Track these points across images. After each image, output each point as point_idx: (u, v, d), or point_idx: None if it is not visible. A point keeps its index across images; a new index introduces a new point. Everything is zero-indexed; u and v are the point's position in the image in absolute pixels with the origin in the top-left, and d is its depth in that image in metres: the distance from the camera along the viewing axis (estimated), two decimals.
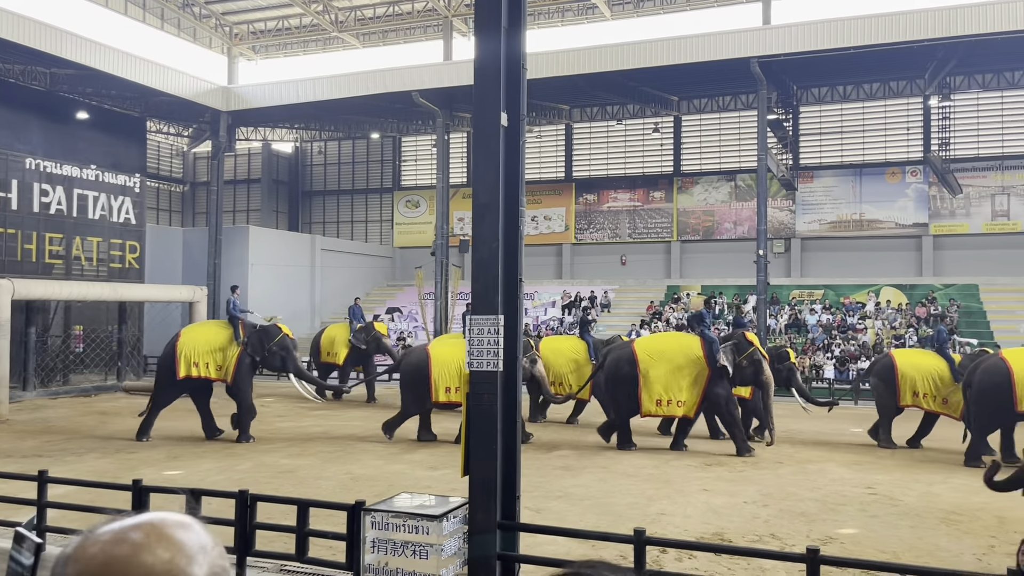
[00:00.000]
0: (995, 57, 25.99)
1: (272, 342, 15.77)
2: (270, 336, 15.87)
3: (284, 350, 15.89)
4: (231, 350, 15.57)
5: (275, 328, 16.27)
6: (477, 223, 7.41)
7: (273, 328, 16.27)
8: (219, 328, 16.15)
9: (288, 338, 16.07)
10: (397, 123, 36.38)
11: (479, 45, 7.44)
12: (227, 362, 15.48)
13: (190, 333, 16.12)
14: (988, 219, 30.96)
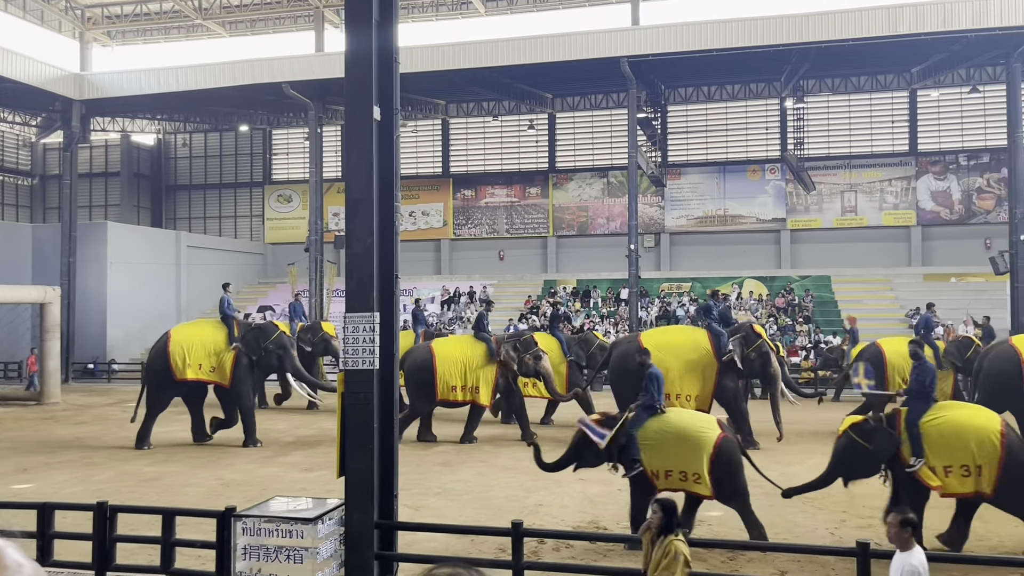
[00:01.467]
0: (843, 62, 27.80)
1: (268, 340, 15.23)
2: (266, 335, 15.35)
3: (281, 349, 15.37)
4: (226, 351, 14.85)
5: (271, 326, 15.75)
6: (350, 219, 7.29)
7: (269, 326, 15.74)
8: (213, 328, 15.39)
9: (285, 336, 15.58)
10: (267, 115, 35.24)
11: (350, 38, 7.31)
12: (222, 363, 14.79)
13: (181, 333, 15.35)
14: (838, 214, 33.12)
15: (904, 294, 29.44)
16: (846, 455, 8.06)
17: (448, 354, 15.07)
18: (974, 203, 31.93)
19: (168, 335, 15.24)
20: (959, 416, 8.12)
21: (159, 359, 14.85)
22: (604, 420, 8.41)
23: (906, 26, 22.84)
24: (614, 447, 8.17)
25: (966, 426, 7.86)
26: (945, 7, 22.74)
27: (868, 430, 8.05)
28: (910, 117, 32.75)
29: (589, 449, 8.26)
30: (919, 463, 7.80)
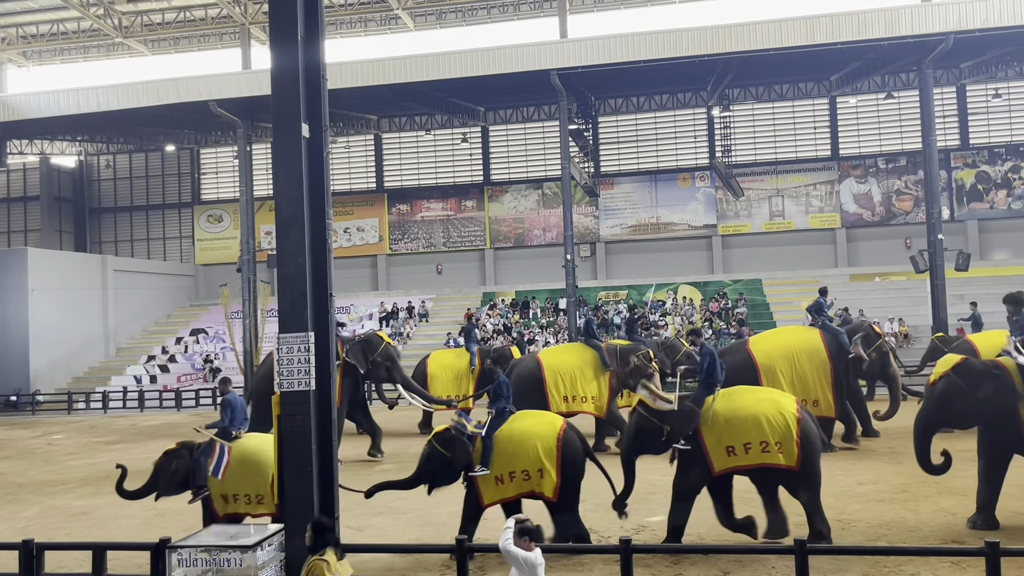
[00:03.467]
0: (766, 71, 28.59)
1: (376, 353, 14.94)
2: (373, 347, 15.03)
3: (389, 360, 15.11)
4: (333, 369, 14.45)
5: (377, 338, 15.45)
6: (281, 238, 7.19)
7: (375, 338, 15.44)
8: None
9: (392, 347, 15.29)
10: (194, 134, 34.48)
11: (275, 56, 7.22)
12: None
13: None
14: (767, 219, 33.99)
15: (832, 294, 30.29)
16: (428, 464, 8.47)
17: (557, 363, 14.50)
18: (894, 205, 33.15)
19: (271, 354, 15.08)
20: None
21: (266, 380, 14.77)
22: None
23: (823, 35, 23.63)
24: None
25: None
26: (860, 17, 23.61)
27: (448, 439, 8.39)
28: (831, 123, 33.86)
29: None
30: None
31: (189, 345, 33.06)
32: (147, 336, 34.65)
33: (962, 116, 32.86)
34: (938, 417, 8.57)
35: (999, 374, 8.27)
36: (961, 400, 8.34)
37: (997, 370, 8.31)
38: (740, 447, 8.11)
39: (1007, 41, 24.81)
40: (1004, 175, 32.50)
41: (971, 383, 8.32)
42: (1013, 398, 8.16)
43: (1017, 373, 8.22)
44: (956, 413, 8.48)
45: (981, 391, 8.25)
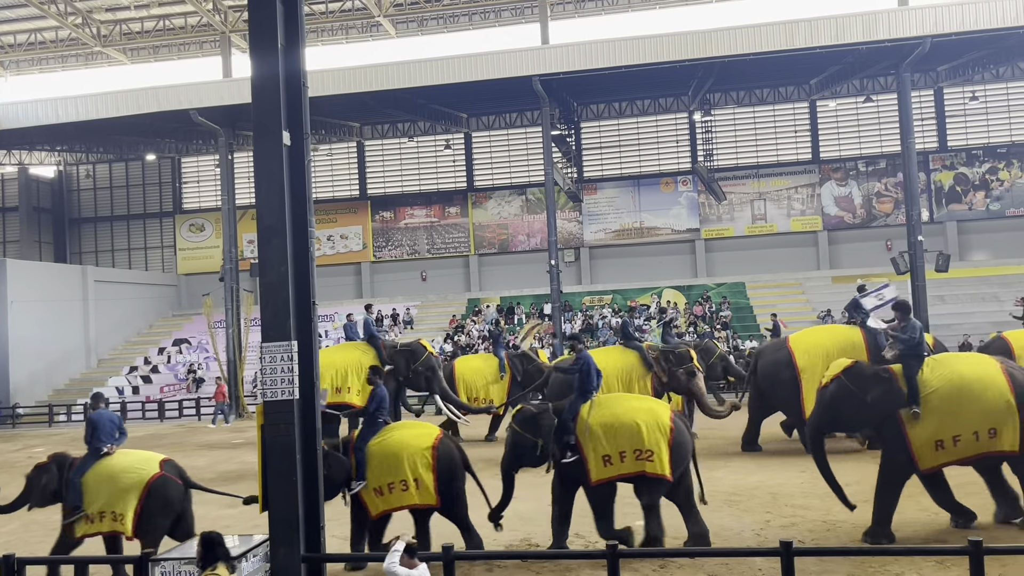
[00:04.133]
0: (746, 76, 28.80)
1: (418, 362, 14.92)
2: (416, 356, 15.02)
3: (430, 370, 15.05)
4: None
5: (420, 347, 15.38)
6: (263, 247, 7.15)
7: (418, 347, 15.38)
8: (360, 351, 15.07)
9: (433, 357, 15.24)
10: (175, 143, 34.29)
11: (256, 64, 7.19)
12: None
13: (328, 356, 15.00)
14: (749, 222, 34.19)
15: (815, 296, 30.56)
16: None
17: (599, 366, 14.34)
18: (874, 207, 33.43)
19: None
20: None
21: None
22: None
23: (802, 40, 23.82)
24: None
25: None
26: (838, 21, 23.83)
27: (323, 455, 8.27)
28: (811, 126, 34.13)
29: None
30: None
31: (172, 355, 32.81)
32: (129, 347, 34.36)
33: (940, 119, 33.21)
34: (828, 420, 8.65)
35: (887, 378, 8.39)
36: (850, 403, 8.42)
37: (886, 374, 8.42)
38: (616, 456, 8.20)
39: (983, 44, 25.13)
40: (982, 177, 32.86)
41: (860, 386, 8.40)
42: (899, 403, 8.25)
43: (903, 378, 8.33)
44: (845, 416, 8.58)
45: (870, 395, 8.34)
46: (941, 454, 8.19)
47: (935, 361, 8.61)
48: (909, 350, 8.55)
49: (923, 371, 8.38)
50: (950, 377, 8.30)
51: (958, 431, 8.12)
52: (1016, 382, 8.20)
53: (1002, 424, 8.05)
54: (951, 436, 8.13)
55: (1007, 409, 8.06)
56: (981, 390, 8.14)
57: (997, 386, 8.14)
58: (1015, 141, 32.66)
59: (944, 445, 8.15)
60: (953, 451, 8.18)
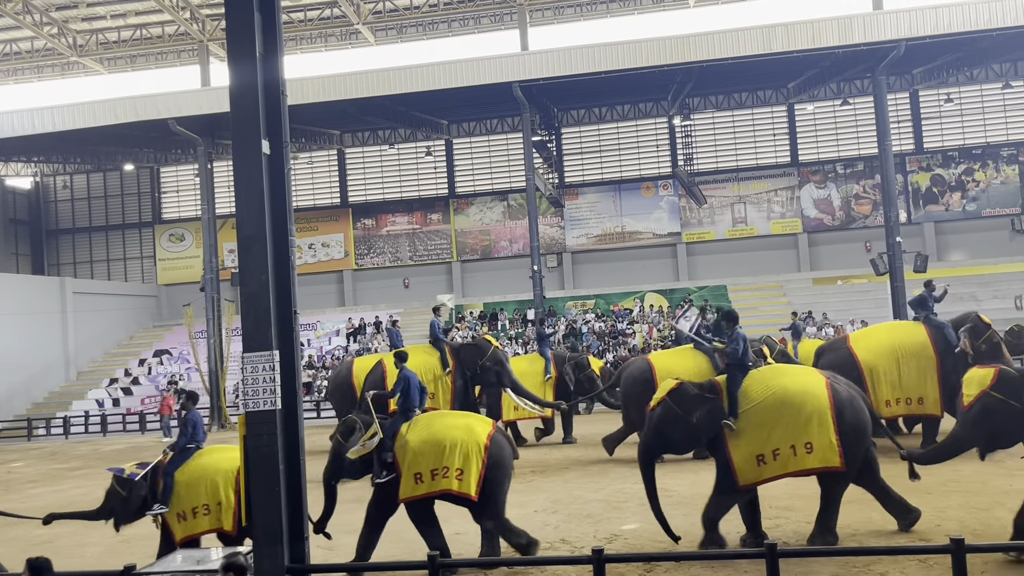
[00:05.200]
0: (725, 80, 29.02)
1: (485, 357, 14.78)
2: (482, 351, 14.88)
3: (498, 364, 14.90)
4: (442, 377, 14.65)
5: (486, 342, 15.27)
6: (244, 256, 7.12)
7: (484, 342, 15.28)
8: (425, 353, 15.06)
9: (500, 352, 15.11)
10: (154, 153, 34.03)
11: (234, 73, 7.16)
12: (440, 388, 14.59)
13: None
14: (730, 226, 34.39)
15: (796, 299, 30.73)
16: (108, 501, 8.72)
17: (669, 367, 13.93)
18: (853, 209, 33.73)
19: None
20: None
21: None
22: None
23: (779, 44, 24.04)
24: None
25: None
26: (814, 26, 24.07)
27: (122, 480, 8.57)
28: (790, 130, 34.40)
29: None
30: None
31: (153, 367, 32.52)
32: (109, 359, 34.01)
33: (916, 121, 33.59)
34: (656, 444, 8.51)
35: (712, 397, 8.32)
36: (677, 425, 8.33)
37: (710, 393, 8.36)
38: (427, 474, 8.20)
39: (957, 47, 25.47)
40: (958, 178, 33.25)
41: (685, 408, 8.32)
42: (723, 419, 8.20)
43: (726, 394, 8.30)
44: (674, 438, 8.45)
45: (695, 415, 8.27)
46: (764, 469, 8.06)
47: (760, 373, 8.52)
48: (733, 361, 8.47)
49: (746, 384, 8.31)
50: (772, 390, 8.21)
51: (777, 445, 8.00)
52: (837, 397, 8.13)
53: (816, 439, 7.96)
54: (771, 450, 8.01)
55: (824, 423, 7.98)
56: (801, 403, 8.06)
57: (817, 400, 8.07)
58: (990, 142, 33.10)
59: (765, 460, 8.02)
60: (774, 466, 8.03)
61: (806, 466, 8.06)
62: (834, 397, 8.13)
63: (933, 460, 8.28)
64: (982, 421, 7.73)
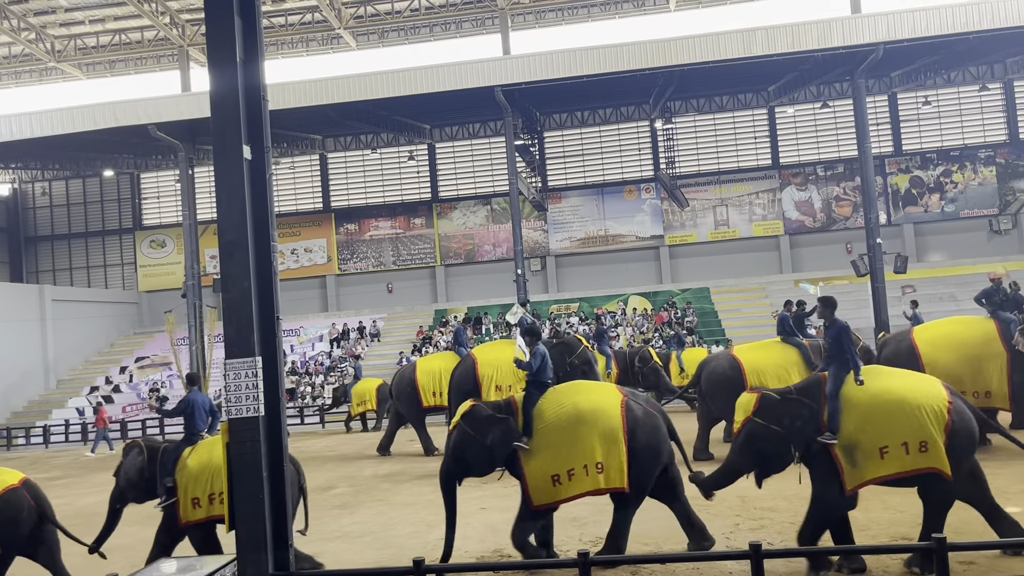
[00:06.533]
0: (706, 83, 29.17)
1: (574, 355, 14.60)
2: (571, 350, 14.70)
3: (586, 363, 14.63)
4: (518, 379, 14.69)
5: (576, 340, 15.08)
6: (225, 262, 7.07)
7: (574, 341, 15.08)
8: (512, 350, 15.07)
9: (589, 351, 14.93)
10: (134, 159, 33.80)
11: (214, 78, 7.12)
12: None
13: (488, 355, 15.25)
14: (712, 228, 34.56)
15: (778, 300, 30.84)
16: None
17: (757, 362, 13.65)
18: (834, 211, 34.00)
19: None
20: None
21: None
22: None
23: (760, 48, 24.20)
24: None
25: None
26: (794, 29, 24.25)
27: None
28: (771, 132, 34.64)
29: None
30: None
31: (134, 374, 32.24)
32: (89, 367, 33.69)
33: (895, 123, 33.92)
34: (456, 468, 8.39)
35: (505, 418, 8.25)
36: (472, 448, 8.27)
37: (502, 413, 8.30)
38: (205, 499, 8.29)
39: (934, 50, 25.74)
40: (936, 179, 33.60)
41: (478, 430, 8.26)
42: (517, 439, 8.13)
43: (522, 414, 8.23)
44: (471, 461, 8.35)
45: (489, 437, 8.21)
46: (559, 489, 7.99)
47: (556, 392, 8.45)
48: (532, 377, 8.43)
49: (542, 403, 8.22)
50: (566, 408, 8.11)
51: (571, 465, 7.93)
52: (631, 415, 8.04)
53: (607, 459, 7.88)
54: (566, 471, 7.93)
55: (615, 443, 7.90)
56: (593, 422, 7.96)
57: (609, 419, 7.97)
58: (967, 144, 33.47)
59: (560, 480, 7.96)
60: (570, 486, 7.95)
61: (599, 486, 7.95)
62: (627, 416, 8.01)
63: (715, 486, 8.03)
64: (748, 447, 7.71)
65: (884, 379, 7.70)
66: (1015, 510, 9.01)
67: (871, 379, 7.64)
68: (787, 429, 7.58)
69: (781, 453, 7.65)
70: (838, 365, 7.72)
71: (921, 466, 7.22)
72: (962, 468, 7.30)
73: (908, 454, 7.23)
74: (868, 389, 7.52)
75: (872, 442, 7.30)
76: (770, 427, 7.61)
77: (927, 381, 7.77)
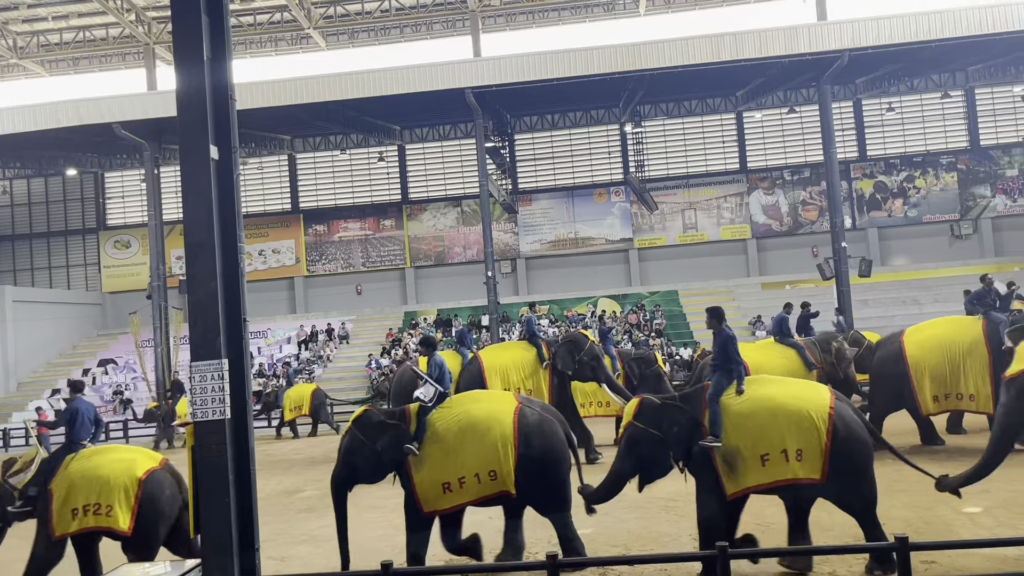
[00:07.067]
0: (675, 88, 29.40)
1: (582, 352, 14.58)
2: (579, 347, 14.67)
3: (595, 360, 14.64)
4: (540, 372, 14.70)
5: (583, 337, 15.07)
6: (191, 263, 6.98)
7: (581, 337, 15.07)
8: (522, 350, 15.22)
9: (597, 347, 14.93)
10: (98, 158, 33.21)
11: (180, 77, 7.02)
12: (537, 386, 14.63)
13: (494, 356, 15.24)
14: (681, 231, 34.84)
15: (745, 303, 31.28)
16: None
17: (757, 362, 13.61)
18: (800, 215, 34.45)
19: (478, 356, 15.33)
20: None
21: (476, 377, 14.91)
22: None
23: (728, 53, 24.45)
24: None
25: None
26: (762, 35, 24.55)
27: None
28: (739, 137, 35.01)
29: None
30: None
31: (97, 376, 31.71)
32: (51, 369, 33.07)
33: (859, 129, 34.46)
34: (346, 474, 8.40)
35: (396, 424, 8.25)
36: (362, 454, 8.26)
37: (392, 419, 8.30)
38: (80, 509, 8.17)
39: (898, 58, 26.19)
40: (900, 185, 34.19)
41: (368, 435, 8.27)
42: (408, 445, 8.14)
43: (415, 420, 8.23)
44: (361, 467, 8.30)
45: (379, 443, 8.21)
46: (449, 496, 8.03)
47: (451, 400, 8.48)
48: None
49: (436, 411, 8.24)
50: (459, 416, 8.15)
51: (462, 473, 7.96)
52: (522, 422, 8.04)
53: (499, 466, 7.93)
54: (456, 478, 7.98)
55: (505, 450, 7.93)
56: (485, 430, 7.99)
57: (502, 427, 7.99)
58: (930, 150, 34.10)
59: (451, 488, 8.00)
60: (461, 493, 8.01)
61: (489, 492, 8.00)
62: (520, 423, 8.01)
63: (603, 498, 8.08)
64: (630, 452, 7.79)
65: (768, 387, 7.80)
66: (975, 510, 9.20)
67: (756, 387, 7.76)
68: (665, 434, 7.66)
69: (661, 458, 7.74)
70: (722, 373, 7.82)
71: (800, 475, 7.36)
72: (842, 476, 7.38)
73: (788, 462, 7.34)
74: (751, 397, 7.62)
75: (753, 450, 7.40)
76: (649, 431, 7.68)
77: (812, 389, 7.87)
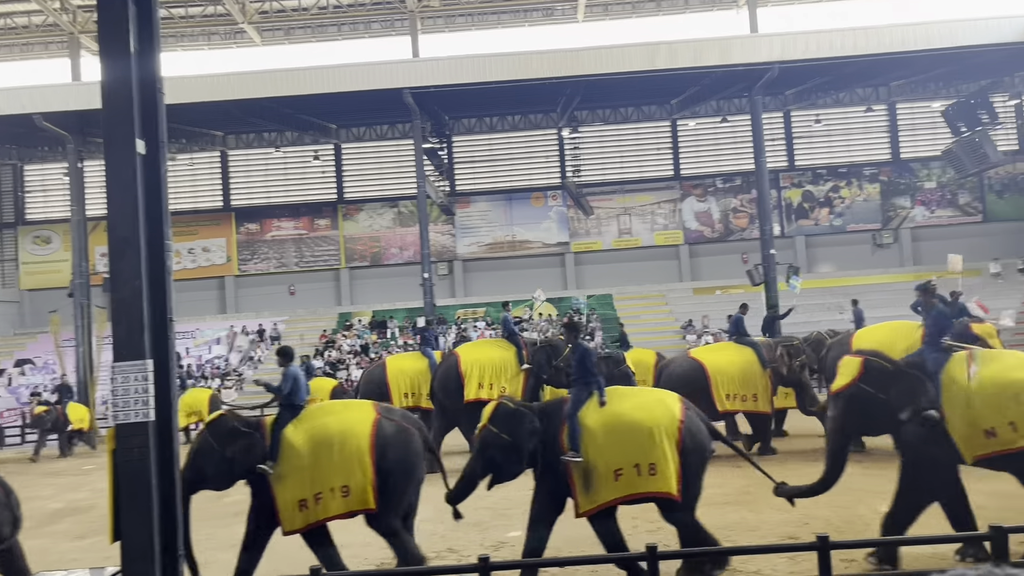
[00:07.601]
0: (612, 94, 29.79)
1: (559, 358, 14.15)
2: (557, 352, 14.25)
3: (570, 366, 13.96)
4: (517, 373, 14.30)
5: (561, 343, 14.55)
6: (115, 260, 6.80)
7: (559, 343, 14.58)
8: (500, 349, 14.67)
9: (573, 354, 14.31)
10: (17, 150, 31.93)
11: (106, 69, 6.83)
12: (513, 385, 14.13)
13: (471, 353, 14.67)
14: (616, 236, 35.27)
15: (677, 308, 31.84)
16: None
17: (718, 362, 13.97)
18: (731, 222, 35.24)
19: (455, 354, 14.81)
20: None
21: (452, 378, 14.45)
22: None
23: (663, 62, 24.90)
24: None
25: None
26: (696, 45, 25.08)
27: None
28: (673, 145, 35.62)
29: None
30: None
31: (13, 377, 30.43)
32: None
33: (788, 139, 35.44)
34: (192, 477, 8.10)
35: (250, 433, 8.14)
36: (211, 460, 8.12)
37: (247, 428, 8.19)
38: None
39: (826, 71, 27.05)
40: (826, 194, 35.28)
41: (220, 442, 8.13)
42: (261, 458, 8.01)
43: (271, 434, 8.11)
44: (208, 473, 8.08)
45: (229, 450, 8.09)
46: (307, 514, 7.85)
47: (310, 411, 8.31)
48: (284, 401, 8.30)
49: (294, 423, 8.07)
50: (314, 431, 7.98)
51: (319, 489, 7.79)
52: (381, 434, 7.91)
53: (353, 480, 7.78)
54: (313, 494, 7.80)
55: (359, 464, 7.78)
56: (340, 443, 7.82)
57: (357, 440, 7.85)
58: (854, 162, 35.28)
59: (307, 504, 7.82)
60: (318, 510, 7.83)
61: (346, 508, 7.86)
62: (377, 435, 7.87)
63: (459, 498, 8.07)
64: (481, 453, 7.91)
65: (621, 401, 7.90)
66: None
67: (610, 401, 7.84)
68: (516, 439, 7.71)
69: (510, 462, 7.80)
70: (580, 387, 7.94)
71: (651, 489, 7.52)
72: (693, 488, 7.61)
73: (640, 476, 7.48)
74: (605, 412, 7.72)
75: (607, 465, 7.50)
76: (500, 436, 7.74)
77: (663, 400, 7.96)
